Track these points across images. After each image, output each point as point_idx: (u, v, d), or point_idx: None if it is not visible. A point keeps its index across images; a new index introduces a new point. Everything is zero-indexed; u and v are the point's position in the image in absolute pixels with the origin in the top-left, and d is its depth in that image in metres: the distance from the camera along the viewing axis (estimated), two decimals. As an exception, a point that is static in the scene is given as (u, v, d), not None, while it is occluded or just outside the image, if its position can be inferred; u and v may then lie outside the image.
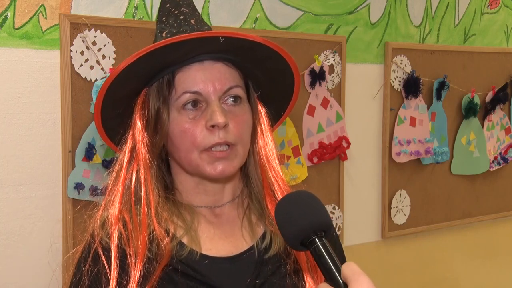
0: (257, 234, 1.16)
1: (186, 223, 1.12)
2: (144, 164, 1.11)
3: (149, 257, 1.05)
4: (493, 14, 3.03)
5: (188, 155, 1.10)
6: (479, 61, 2.94)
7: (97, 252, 1.07)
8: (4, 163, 1.79)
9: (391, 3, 2.63)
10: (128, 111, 1.14)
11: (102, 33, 1.89)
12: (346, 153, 2.49)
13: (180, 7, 1.17)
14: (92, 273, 1.07)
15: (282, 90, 1.23)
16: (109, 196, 1.12)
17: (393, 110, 2.65)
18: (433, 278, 2.90)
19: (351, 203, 2.57)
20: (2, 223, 1.80)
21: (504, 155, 3.08)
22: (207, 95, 1.09)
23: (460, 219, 2.95)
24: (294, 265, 1.13)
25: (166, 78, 1.11)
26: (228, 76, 1.12)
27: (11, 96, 1.79)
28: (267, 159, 1.20)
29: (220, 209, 1.18)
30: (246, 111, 1.14)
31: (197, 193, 1.16)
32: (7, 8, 1.76)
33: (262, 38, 1.11)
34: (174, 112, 1.11)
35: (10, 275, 1.82)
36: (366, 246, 2.65)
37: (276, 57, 1.15)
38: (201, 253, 1.10)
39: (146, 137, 1.11)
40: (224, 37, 1.06)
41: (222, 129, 1.08)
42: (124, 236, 1.07)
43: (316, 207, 0.98)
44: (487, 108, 2.97)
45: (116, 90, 1.10)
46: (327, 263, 0.92)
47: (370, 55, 2.59)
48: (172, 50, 1.07)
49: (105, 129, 1.16)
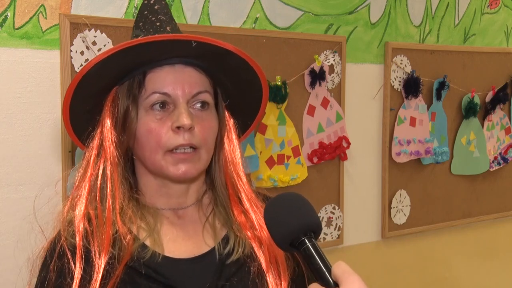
0: (219, 236, 1.17)
1: (149, 225, 1.13)
2: (111, 161, 1.12)
3: (113, 254, 1.06)
4: (493, 14, 3.03)
5: (152, 155, 1.11)
6: (479, 61, 2.94)
7: (63, 248, 1.08)
8: (4, 163, 1.79)
9: (391, 3, 2.63)
10: (97, 109, 1.15)
11: (102, 33, 1.89)
12: (346, 153, 2.49)
13: (157, 15, 1.18)
14: (58, 268, 1.08)
15: (250, 102, 1.24)
16: (75, 192, 1.13)
17: (393, 110, 2.65)
18: (433, 278, 2.90)
19: (351, 203, 2.57)
20: (2, 223, 1.80)
21: (504, 155, 3.08)
22: (175, 97, 1.11)
23: (460, 219, 2.95)
24: (257, 269, 1.13)
25: (137, 78, 1.12)
26: (197, 81, 1.13)
27: (11, 96, 1.79)
28: (233, 167, 1.21)
29: (183, 211, 1.19)
30: (213, 118, 1.16)
31: (160, 195, 1.17)
32: (7, 8, 1.76)
33: (233, 46, 1.13)
34: (142, 111, 1.12)
35: (10, 275, 1.82)
36: (366, 246, 2.65)
37: (247, 67, 1.16)
38: (163, 255, 1.11)
39: (115, 134, 1.13)
40: (197, 41, 1.08)
41: (187, 132, 1.09)
42: (89, 232, 1.08)
43: (305, 208, 0.98)
44: (487, 108, 2.97)
45: (87, 86, 1.10)
46: (317, 264, 0.92)
47: (370, 55, 2.59)
48: (145, 50, 1.08)
49: (73, 125, 1.16)
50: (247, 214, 1.18)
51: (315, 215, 0.98)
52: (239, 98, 1.22)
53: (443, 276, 2.94)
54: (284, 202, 1.01)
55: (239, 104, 1.22)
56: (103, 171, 1.12)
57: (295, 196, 1.02)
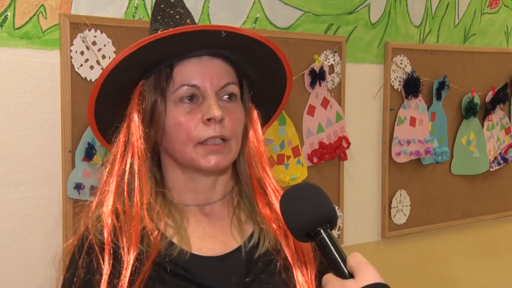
0: (246, 232, 1.17)
1: (176, 222, 1.13)
2: (139, 155, 1.11)
3: (141, 249, 1.06)
4: (493, 14, 3.03)
5: (183, 148, 1.11)
6: (479, 61, 2.94)
7: (91, 244, 1.08)
8: (4, 163, 1.79)
9: (391, 3, 2.63)
10: (122, 103, 1.14)
11: (102, 33, 1.89)
12: (346, 153, 2.49)
13: (175, 8, 1.18)
14: (86, 265, 1.07)
15: (274, 92, 1.24)
16: (103, 188, 1.13)
17: (393, 110, 2.65)
18: (433, 278, 2.90)
19: (351, 203, 2.57)
20: (2, 223, 1.80)
21: (504, 155, 3.08)
22: (204, 89, 1.10)
23: (460, 219, 2.95)
24: (283, 262, 1.14)
25: (164, 71, 1.11)
26: (225, 72, 1.13)
27: (11, 96, 1.79)
28: (259, 158, 1.21)
29: (210, 207, 1.18)
30: (240, 109, 1.16)
31: (188, 191, 1.17)
32: (7, 8, 1.76)
33: (262, 36, 1.13)
34: (170, 104, 1.11)
35: (10, 275, 1.82)
36: (366, 246, 2.65)
37: (273, 57, 1.16)
38: (191, 252, 1.11)
39: (142, 129, 1.12)
40: (226, 31, 1.08)
41: (218, 123, 1.09)
42: (117, 228, 1.08)
43: (321, 199, 1.00)
44: (487, 108, 2.97)
45: (114, 80, 1.10)
46: (332, 254, 0.94)
47: (370, 55, 2.59)
48: (172, 43, 1.07)
49: (97, 120, 1.16)
50: (272, 207, 1.18)
51: (331, 206, 0.99)
52: (263, 88, 1.21)
53: (443, 276, 2.94)
54: (299, 192, 1.02)
55: (262, 95, 1.22)
56: (131, 165, 1.11)
57: (311, 186, 1.03)
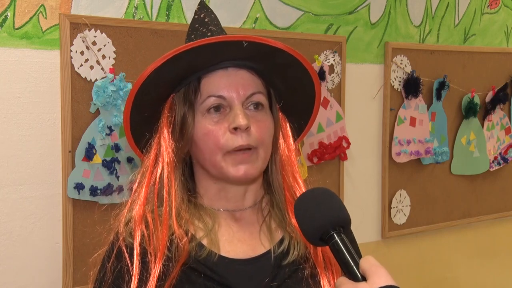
0: (276, 238, 1.19)
1: (207, 225, 1.16)
2: (169, 166, 1.15)
3: (169, 256, 1.10)
4: (493, 14, 3.03)
5: (212, 157, 1.14)
6: (479, 61, 2.94)
7: (120, 249, 1.12)
8: (4, 163, 1.79)
9: (391, 3, 2.63)
10: (155, 115, 1.18)
11: (102, 33, 1.89)
12: (346, 153, 2.49)
13: (208, 26, 1.21)
14: (116, 269, 1.11)
15: (303, 101, 1.25)
16: (133, 196, 1.17)
17: (393, 110, 2.65)
18: (433, 278, 2.90)
19: (351, 203, 2.57)
20: (2, 223, 1.80)
21: (504, 155, 3.08)
22: (230, 99, 1.13)
23: (460, 219, 2.95)
24: (311, 270, 1.16)
25: (192, 84, 1.15)
26: (251, 83, 1.16)
27: (11, 96, 1.79)
28: (290, 168, 1.23)
29: (240, 213, 1.20)
30: (268, 118, 1.18)
31: (219, 199, 1.20)
32: (7, 8, 1.76)
33: (283, 44, 1.15)
34: (198, 116, 1.15)
35: (10, 275, 1.82)
36: (366, 246, 2.65)
37: (296, 64, 1.18)
38: (219, 254, 1.13)
39: (172, 141, 1.16)
40: (247, 41, 1.10)
41: (244, 132, 1.12)
42: (146, 235, 1.11)
43: (334, 203, 1.02)
44: (487, 108, 2.97)
45: (144, 94, 1.14)
46: (345, 258, 0.95)
47: (370, 55, 2.59)
48: (199, 55, 1.10)
49: (132, 133, 1.20)
50: None
51: (344, 210, 1.01)
52: (292, 97, 1.23)
53: (443, 276, 2.94)
54: (313, 197, 1.04)
55: (293, 104, 1.24)
56: (160, 176, 1.15)
57: (324, 191, 1.04)
